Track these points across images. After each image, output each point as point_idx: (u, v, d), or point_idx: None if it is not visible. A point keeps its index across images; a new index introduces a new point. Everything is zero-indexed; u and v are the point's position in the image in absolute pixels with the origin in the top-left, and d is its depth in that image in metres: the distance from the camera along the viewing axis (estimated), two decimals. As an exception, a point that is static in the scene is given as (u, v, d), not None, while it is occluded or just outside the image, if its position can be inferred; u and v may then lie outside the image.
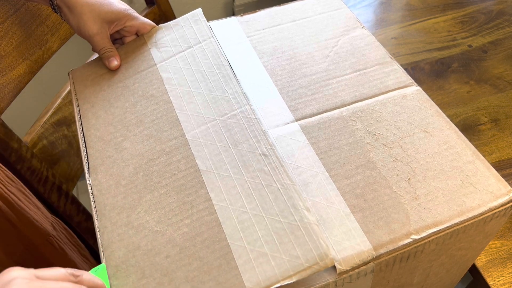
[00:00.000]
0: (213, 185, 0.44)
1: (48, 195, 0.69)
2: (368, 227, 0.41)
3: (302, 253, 0.39)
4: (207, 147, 0.47)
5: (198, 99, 0.51)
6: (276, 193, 0.42)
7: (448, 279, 0.55)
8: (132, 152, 0.49)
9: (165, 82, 0.54)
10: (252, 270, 0.38)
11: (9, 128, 0.63)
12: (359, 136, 0.48)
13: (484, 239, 0.48)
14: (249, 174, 0.44)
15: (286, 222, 0.40)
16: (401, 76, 0.54)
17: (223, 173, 0.45)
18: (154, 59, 0.56)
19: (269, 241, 0.40)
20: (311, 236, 0.39)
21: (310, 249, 0.39)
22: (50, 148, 0.71)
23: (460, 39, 0.87)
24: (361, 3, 0.96)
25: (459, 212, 0.42)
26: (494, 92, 0.77)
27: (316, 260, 0.38)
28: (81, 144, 0.50)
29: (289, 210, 0.41)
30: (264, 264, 0.39)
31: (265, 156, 0.45)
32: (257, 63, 0.56)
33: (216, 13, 1.39)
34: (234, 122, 0.48)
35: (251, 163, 0.45)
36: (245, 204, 0.42)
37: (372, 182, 0.44)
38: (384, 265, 0.41)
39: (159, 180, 0.46)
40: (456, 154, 0.46)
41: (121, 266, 0.41)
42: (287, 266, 0.38)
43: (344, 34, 0.59)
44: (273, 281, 0.38)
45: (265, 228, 0.41)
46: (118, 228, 0.43)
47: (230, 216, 0.42)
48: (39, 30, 0.68)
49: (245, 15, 0.63)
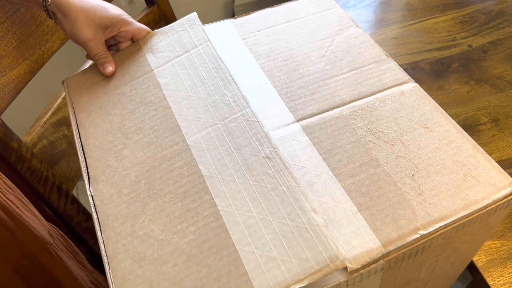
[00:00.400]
0: (218, 190, 0.44)
1: (48, 195, 0.68)
2: (375, 224, 0.41)
3: (312, 255, 0.38)
4: (209, 152, 0.47)
5: (198, 104, 0.51)
6: (282, 196, 0.42)
7: (451, 272, 0.56)
8: (132, 160, 0.48)
9: (163, 88, 0.53)
10: (262, 275, 0.38)
11: (9, 128, 0.63)
12: (360, 135, 0.48)
13: (487, 231, 0.48)
14: (254, 178, 0.44)
15: (294, 225, 0.40)
16: (397, 73, 0.54)
17: (227, 177, 0.44)
18: (151, 65, 0.56)
19: (277, 245, 0.39)
20: (320, 238, 0.39)
21: (319, 251, 0.38)
22: (50, 148, 0.70)
23: (460, 39, 0.87)
24: (361, 3, 0.96)
25: (464, 206, 0.42)
26: (494, 92, 0.78)
27: (327, 262, 0.38)
28: (80, 154, 0.50)
29: (296, 213, 0.41)
30: (274, 269, 0.38)
31: (269, 159, 0.45)
32: (254, 65, 0.56)
33: (216, 13, 1.39)
34: (235, 126, 0.48)
35: (255, 167, 0.45)
36: (251, 208, 0.42)
37: (376, 179, 0.44)
38: (394, 262, 0.41)
39: (162, 188, 0.45)
40: (457, 149, 0.47)
41: (127, 277, 0.40)
42: (297, 270, 0.38)
43: (339, 34, 0.60)
44: (284, 286, 0.37)
45: (273, 232, 0.40)
46: (123, 238, 0.42)
47: (237, 221, 0.42)
48: (39, 30, 0.67)
49: (238, 17, 0.62)
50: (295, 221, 0.40)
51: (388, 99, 0.51)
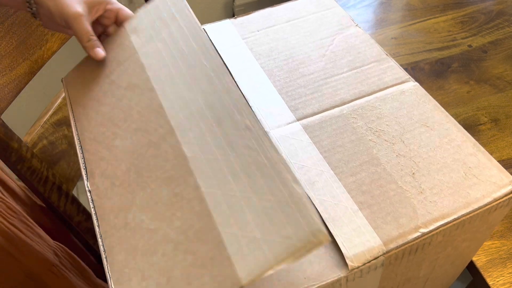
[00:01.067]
0: (201, 171, 0.42)
1: (48, 195, 0.68)
2: (376, 222, 0.41)
3: (294, 232, 0.35)
4: (192, 131, 0.44)
5: (179, 80, 0.48)
6: (263, 169, 0.39)
7: (451, 271, 0.56)
8: (123, 149, 0.47)
9: (147, 69, 0.51)
10: (244, 258, 0.36)
11: (9, 128, 0.63)
12: (361, 133, 0.48)
13: (488, 230, 0.49)
14: (235, 153, 0.41)
15: (276, 200, 0.37)
16: (398, 72, 0.54)
17: (209, 156, 0.42)
18: (135, 46, 0.54)
19: (259, 224, 0.37)
20: (302, 212, 0.35)
21: (302, 227, 0.35)
22: (50, 148, 0.70)
23: (460, 39, 0.87)
24: (361, 3, 0.96)
25: (465, 204, 0.43)
26: (494, 92, 0.78)
27: (310, 238, 0.34)
28: (78, 150, 0.49)
29: (278, 186, 0.37)
30: (256, 250, 0.36)
31: (249, 130, 0.41)
32: (255, 65, 0.56)
33: (216, 13, 1.39)
34: (215, 98, 0.45)
35: (236, 140, 0.41)
36: (234, 186, 0.39)
37: (377, 178, 0.45)
38: (394, 258, 0.41)
39: (149, 175, 0.44)
40: (457, 147, 0.47)
41: (123, 271, 0.39)
42: (279, 249, 0.35)
43: (339, 33, 0.60)
44: (266, 267, 0.35)
45: (255, 210, 0.38)
46: (117, 231, 0.42)
47: (220, 202, 0.39)
48: (39, 30, 0.67)
49: (239, 17, 0.63)
50: (277, 196, 0.37)
51: (388, 98, 0.52)
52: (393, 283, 0.47)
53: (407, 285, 0.50)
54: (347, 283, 0.40)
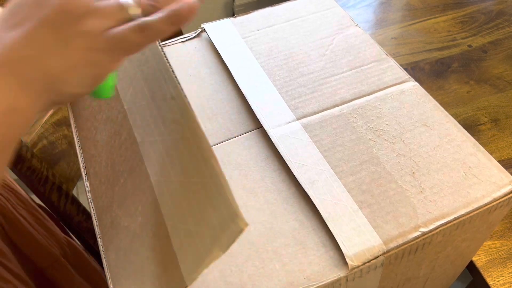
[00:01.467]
0: (148, 157, 0.40)
1: (48, 195, 0.68)
2: (376, 222, 0.41)
3: (217, 218, 0.31)
4: (139, 113, 0.42)
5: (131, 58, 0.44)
6: (190, 147, 0.35)
7: (451, 271, 0.56)
8: (102, 143, 0.46)
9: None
10: (185, 254, 0.33)
11: None
12: (361, 133, 0.48)
13: (488, 230, 0.49)
14: (168, 130, 0.38)
15: (202, 183, 0.33)
16: (397, 72, 0.54)
17: (152, 138, 0.40)
18: None
19: (192, 213, 0.33)
20: (221, 192, 0.31)
21: (222, 210, 0.30)
22: (50, 148, 0.70)
23: (460, 39, 0.87)
24: (361, 3, 0.96)
25: (465, 204, 0.43)
26: (494, 92, 0.78)
27: (228, 223, 0.29)
28: (78, 150, 0.49)
29: (202, 165, 0.33)
30: (192, 245, 0.32)
31: (174, 100, 0.37)
32: (254, 64, 0.56)
33: (216, 13, 1.39)
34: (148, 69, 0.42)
35: (167, 115, 0.38)
36: (172, 172, 0.37)
37: (377, 177, 0.44)
38: (394, 258, 0.41)
39: (119, 168, 0.43)
40: (457, 147, 0.47)
41: (113, 270, 0.39)
42: (207, 240, 0.31)
43: (339, 33, 0.60)
44: (199, 263, 0.31)
45: (189, 198, 0.34)
46: (108, 230, 0.42)
47: (164, 192, 0.37)
48: None
49: (238, 16, 0.63)
50: (203, 176, 0.33)
51: (388, 97, 0.52)
52: (393, 283, 0.47)
53: (407, 285, 0.50)
54: (347, 283, 0.40)
